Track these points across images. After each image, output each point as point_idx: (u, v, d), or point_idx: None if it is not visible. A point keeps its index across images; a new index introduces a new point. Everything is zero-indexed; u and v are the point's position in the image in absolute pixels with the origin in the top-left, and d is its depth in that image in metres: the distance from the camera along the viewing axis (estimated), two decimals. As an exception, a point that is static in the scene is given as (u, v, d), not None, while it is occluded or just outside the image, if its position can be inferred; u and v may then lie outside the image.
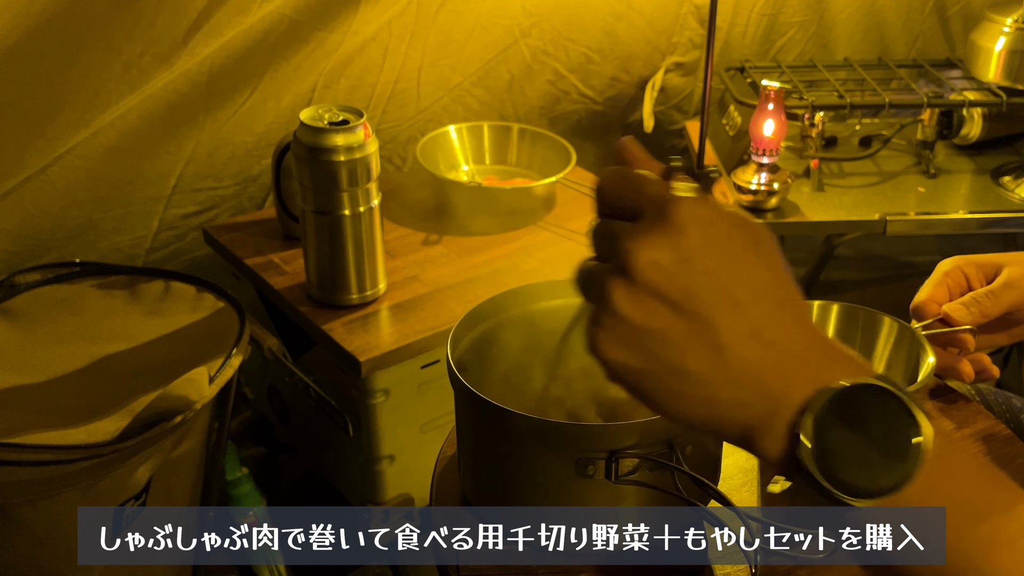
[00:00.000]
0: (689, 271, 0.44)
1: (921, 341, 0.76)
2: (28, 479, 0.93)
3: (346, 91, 1.50)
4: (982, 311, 0.80)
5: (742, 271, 0.45)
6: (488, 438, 0.70)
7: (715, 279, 0.45)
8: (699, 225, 0.45)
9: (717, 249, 0.45)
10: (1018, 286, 0.80)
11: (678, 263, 0.44)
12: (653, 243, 0.44)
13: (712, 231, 0.45)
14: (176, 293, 1.18)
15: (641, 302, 0.45)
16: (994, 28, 1.56)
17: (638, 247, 0.44)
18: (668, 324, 0.45)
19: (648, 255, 0.44)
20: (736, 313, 0.45)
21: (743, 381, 0.45)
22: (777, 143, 1.46)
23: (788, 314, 0.46)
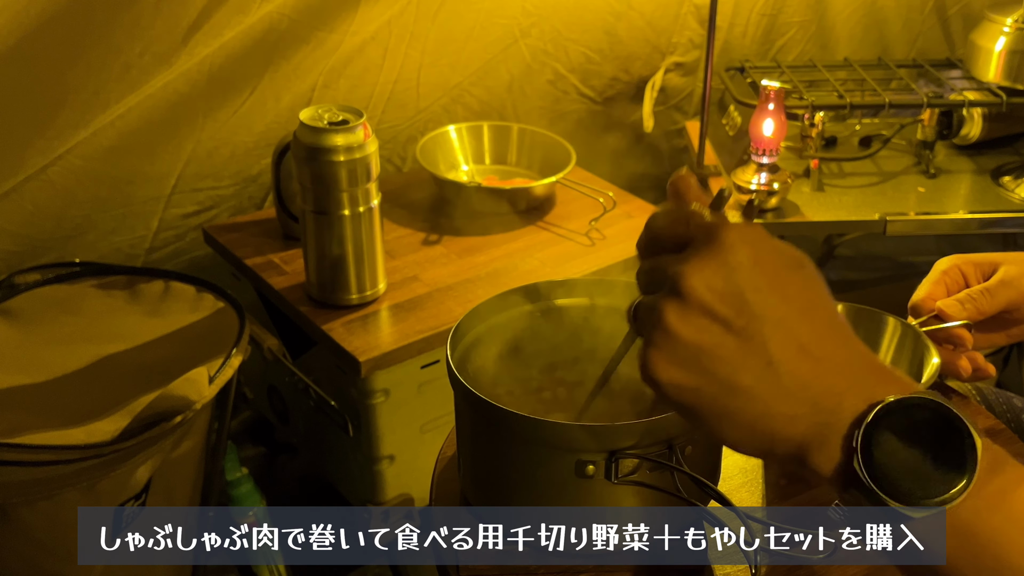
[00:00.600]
0: (738, 289, 0.46)
1: (925, 341, 0.76)
2: (28, 479, 0.93)
3: (346, 91, 1.50)
4: (977, 308, 0.80)
5: (788, 289, 0.47)
6: (488, 438, 0.70)
7: (764, 297, 0.46)
8: (746, 246, 0.47)
9: (765, 269, 0.46)
10: (1015, 284, 0.80)
11: (727, 282, 0.46)
12: (703, 264, 0.46)
13: (759, 252, 0.47)
14: (176, 293, 1.18)
15: (693, 320, 0.46)
16: (994, 28, 1.55)
17: (689, 269, 0.47)
18: (720, 341, 0.46)
19: (698, 275, 0.46)
20: (785, 329, 0.46)
21: (795, 396, 0.46)
22: (777, 143, 1.46)
23: (835, 331, 0.48)
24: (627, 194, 1.50)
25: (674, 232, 0.49)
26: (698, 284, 0.46)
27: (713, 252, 0.46)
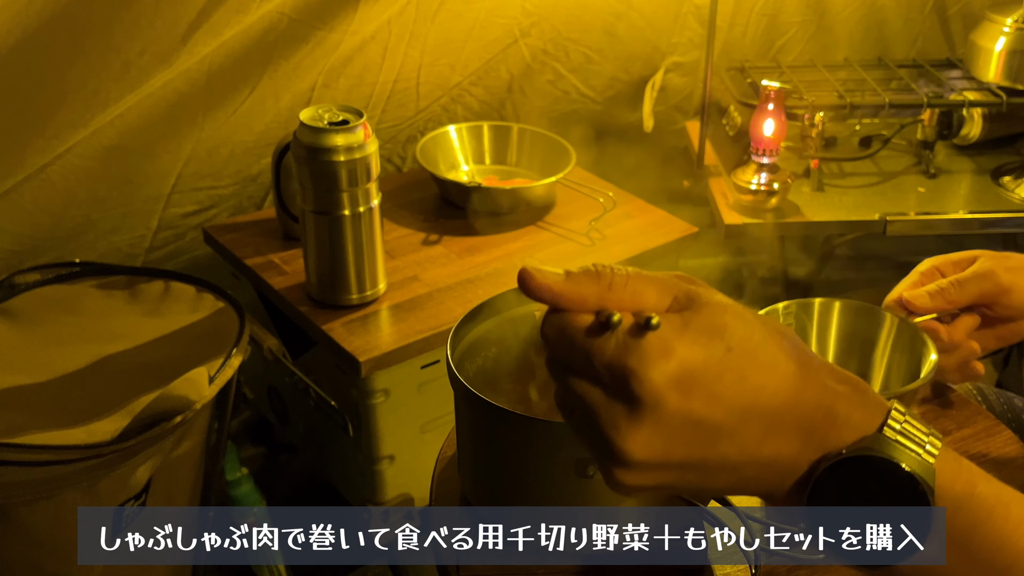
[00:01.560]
0: (680, 436, 0.45)
1: (923, 338, 0.76)
2: (28, 479, 0.93)
3: (345, 90, 1.50)
4: (946, 299, 0.79)
5: (725, 399, 0.45)
6: (488, 438, 0.70)
7: (706, 427, 0.45)
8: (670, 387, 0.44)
9: (696, 396, 0.45)
10: (989, 277, 0.79)
11: (668, 438, 0.45)
12: (636, 432, 0.45)
13: (683, 381, 0.45)
14: (176, 293, 1.18)
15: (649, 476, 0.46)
16: (994, 28, 1.56)
17: (623, 442, 0.45)
18: (678, 477, 0.47)
19: (637, 446, 0.45)
20: (738, 442, 0.46)
21: (760, 478, 0.48)
22: (777, 143, 1.46)
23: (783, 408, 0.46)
24: (627, 194, 1.50)
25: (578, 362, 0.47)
26: (638, 453, 0.45)
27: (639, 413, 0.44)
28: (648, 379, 0.44)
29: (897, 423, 0.47)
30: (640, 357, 0.44)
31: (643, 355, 0.44)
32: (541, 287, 0.48)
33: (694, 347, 0.45)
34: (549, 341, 0.48)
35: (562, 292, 0.48)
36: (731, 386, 0.45)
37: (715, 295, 0.48)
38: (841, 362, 0.82)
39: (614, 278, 0.47)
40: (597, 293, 0.47)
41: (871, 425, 0.47)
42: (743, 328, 0.46)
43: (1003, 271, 0.80)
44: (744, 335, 0.46)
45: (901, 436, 0.47)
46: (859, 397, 0.48)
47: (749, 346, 0.46)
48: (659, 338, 0.45)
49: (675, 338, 0.45)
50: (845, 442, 0.47)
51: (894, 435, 0.47)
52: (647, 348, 0.44)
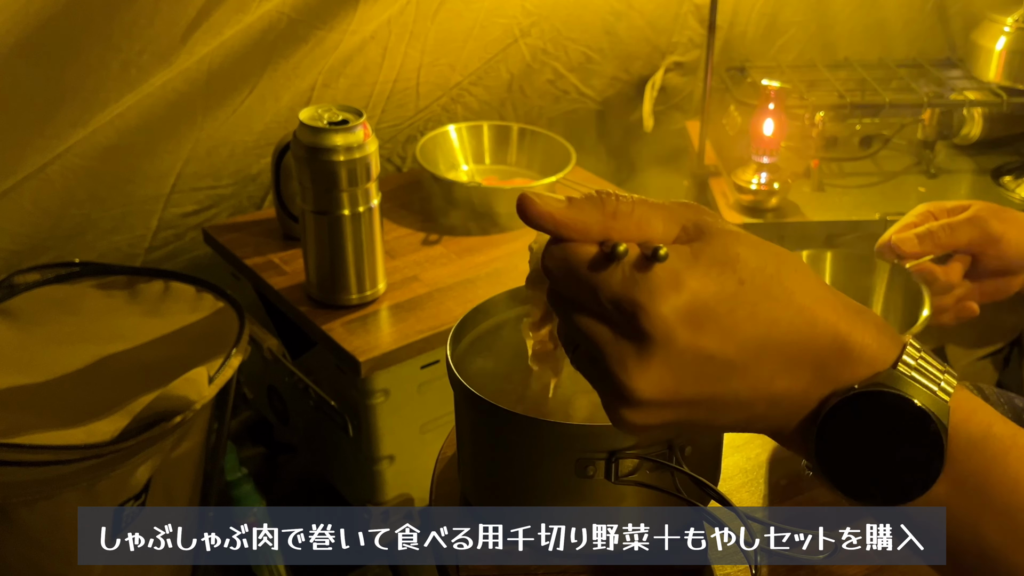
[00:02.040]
0: (691, 373, 0.44)
1: (918, 285, 0.75)
2: (28, 479, 0.93)
3: (345, 90, 1.50)
4: (935, 242, 0.78)
5: (737, 334, 0.44)
6: (488, 438, 0.70)
7: (717, 362, 0.44)
8: (680, 322, 0.43)
9: (707, 331, 0.43)
10: (979, 224, 0.78)
11: (678, 374, 0.44)
12: (644, 369, 0.43)
13: (695, 316, 0.43)
14: (176, 293, 1.18)
15: (657, 414, 0.45)
16: (994, 28, 1.56)
17: (632, 380, 0.44)
18: (687, 414, 0.45)
19: (646, 383, 0.44)
20: (750, 377, 0.45)
21: (770, 414, 0.46)
22: (777, 143, 1.46)
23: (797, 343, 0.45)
24: (627, 194, 1.50)
25: (585, 298, 0.45)
26: (647, 390, 0.43)
27: (648, 349, 0.43)
28: (657, 314, 0.42)
29: (912, 359, 0.46)
30: (649, 290, 0.43)
31: (652, 288, 0.43)
32: (543, 214, 0.45)
33: (705, 280, 0.43)
34: (551, 274, 0.46)
35: (564, 220, 0.45)
36: (744, 320, 0.43)
37: (725, 224, 0.46)
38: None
39: (619, 206, 0.45)
40: (601, 221, 0.45)
41: (885, 360, 0.46)
42: (756, 259, 0.44)
43: (996, 220, 0.79)
44: (757, 266, 0.44)
45: (916, 372, 0.45)
46: (874, 331, 0.46)
47: (762, 278, 0.44)
48: (668, 270, 0.43)
49: (685, 270, 0.43)
50: (858, 377, 0.45)
51: (908, 371, 0.45)
52: (656, 281, 0.43)
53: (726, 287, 0.43)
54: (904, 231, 0.79)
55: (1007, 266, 0.80)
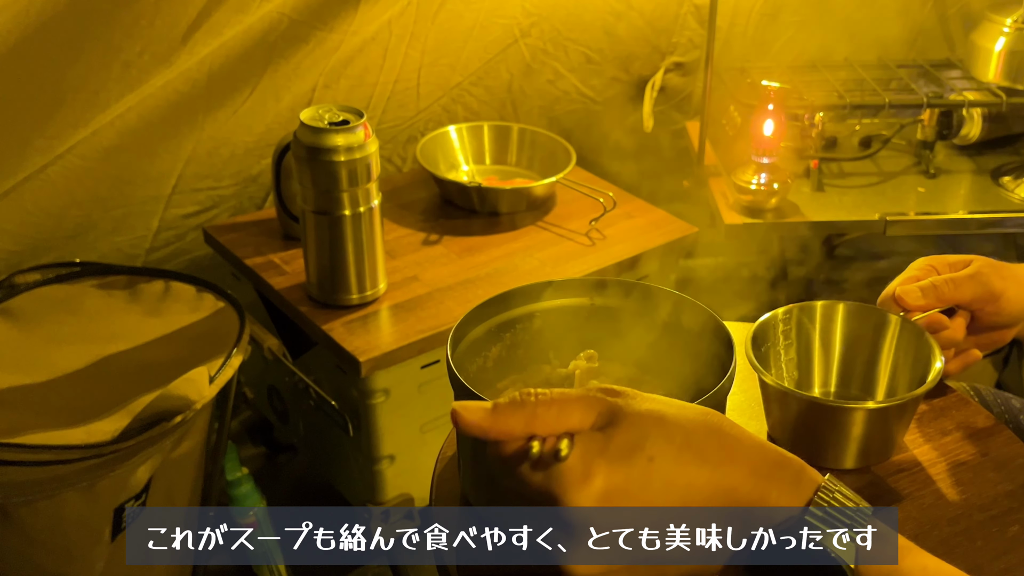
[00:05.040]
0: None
1: (929, 340, 0.76)
2: (28, 479, 0.93)
3: (346, 91, 1.50)
4: (939, 296, 0.78)
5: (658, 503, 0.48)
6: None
7: None
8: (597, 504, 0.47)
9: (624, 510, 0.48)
10: (982, 281, 0.79)
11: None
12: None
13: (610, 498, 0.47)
14: (176, 293, 1.18)
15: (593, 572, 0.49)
16: (994, 28, 1.56)
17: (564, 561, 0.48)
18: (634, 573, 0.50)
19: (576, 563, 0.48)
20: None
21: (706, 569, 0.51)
22: (777, 143, 1.46)
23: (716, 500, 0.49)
24: (627, 194, 1.50)
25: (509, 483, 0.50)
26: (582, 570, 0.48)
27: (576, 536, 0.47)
28: (573, 503, 0.47)
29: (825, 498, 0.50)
30: (561, 484, 0.47)
31: (564, 482, 0.47)
32: (470, 425, 0.50)
33: (615, 464, 0.48)
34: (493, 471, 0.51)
35: (490, 427, 0.50)
36: (660, 491, 0.48)
37: (639, 404, 0.50)
38: (845, 365, 0.81)
39: (537, 406, 0.49)
40: (523, 422, 0.49)
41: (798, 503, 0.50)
42: (664, 435, 0.49)
43: (997, 277, 0.80)
44: (665, 441, 0.49)
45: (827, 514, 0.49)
46: (789, 476, 0.51)
47: (672, 450, 0.48)
48: (579, 462, 0.47)
49: (595, 459, 0.48)
50: (773, 522, 0.50)
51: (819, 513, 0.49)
52: (567, 474, 0.47)
53: (636, 466, 0.48)
54: (907, 284, 0.80)
55: (1005, 321, 0.81)
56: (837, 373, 0.82)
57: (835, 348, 0.81)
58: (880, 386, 0.80)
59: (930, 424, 0.81)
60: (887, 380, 0.80)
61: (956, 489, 0.73)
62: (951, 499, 0.72)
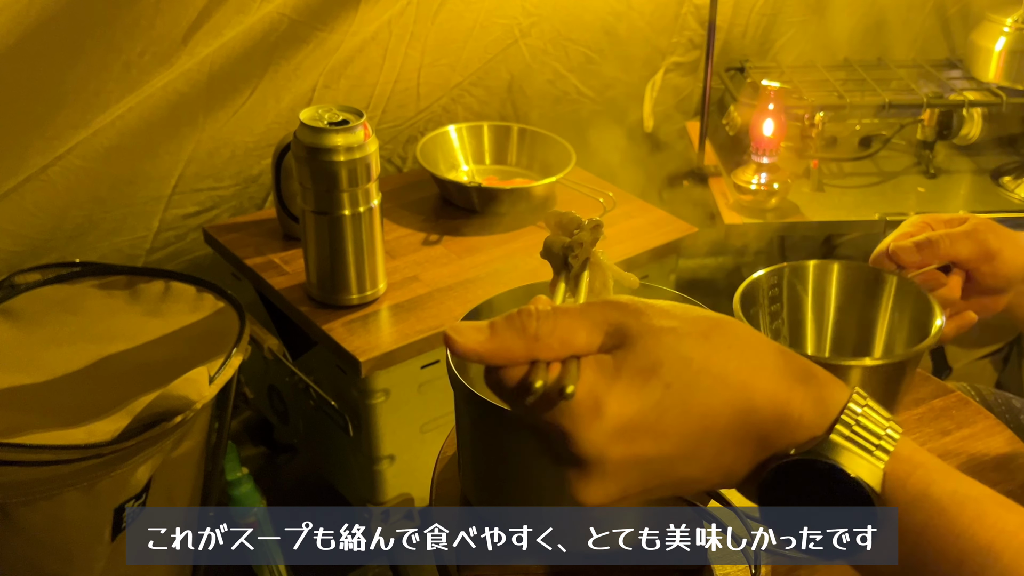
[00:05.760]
0: (633, 476, 0.45)
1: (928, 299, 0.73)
2: (28, 479, 0.93)
3: (346, 91, 1.50)
4: (935, 252, 0.76)
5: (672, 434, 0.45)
6: (488, 438, 0.70)
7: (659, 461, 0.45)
8: (608, 441, 0.44)
9: (641, 440, 0.44)
10: (977, 239, 0.77)
11: (619, 482, 0.45)
12: (587, 488, 0.45)
13: (624, 432, 0.44)
14: (176, 293, 1.18)
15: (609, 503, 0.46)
16: (994, 28, 1.56)
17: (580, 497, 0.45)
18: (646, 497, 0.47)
19: (592, 498, 0.45)
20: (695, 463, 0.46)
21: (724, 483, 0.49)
22: (777, 143, 1.46)
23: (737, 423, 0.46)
24: (627, 194, 1.50)
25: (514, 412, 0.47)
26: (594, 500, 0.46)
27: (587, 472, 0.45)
28: (584, 439, 0.44)
29: (850, 422, 0.46)
30: (571, 419, 0.44)
31: (574, 417, 0.43)
32: (467, 351, 0.45)
33: (628, 395, 0.44)
34: (496, 395, 0.47)
35: (487, 352, 0.45)
36: (677, 420, 0.44)
37: (651, 321, 0.46)
38: (839, 326, 0.79)
39: (540, 327, 0.45)
40: (524, 346, 0.45)
41: (822, 426, 0.46)
42: (679, 357, 0.45)
43: (993, 236, 0.77)
44: (682, 365, 0.45)
45: (854, 435, 0.46)
46: (814, 396, 0.47)
47: (688, 376, 0.45)
48: (588, 395, 0.43)
49: (606, 391, 0.44)
50: (796, 442, 0.46)
51: (843, 436, 0.46)
52: (577, 409, 0.43)
53: (651, 396, 0.44)
54: (901, 240, 0.77)
55: (999, 284, 0.78)
56: (831, 335, 0.79)
57: (828, 309, 0.79)
58: (877, 347, 0.77)
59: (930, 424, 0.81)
60: (883, 340, 0.77)
61: (956, 489, 0.73)
62: (951, 499, 0.72)
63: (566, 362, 0.45)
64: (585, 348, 0.45)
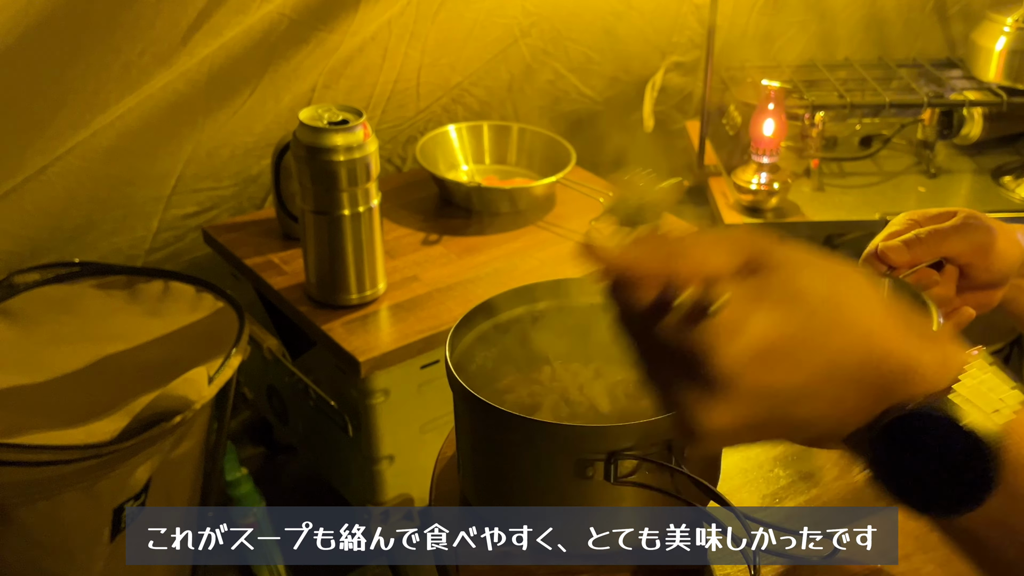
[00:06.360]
0: (760, 405, 0.44)
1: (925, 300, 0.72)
2: (28, 479, 0.93)
3: (346, 91, 1.50)
4: (925, 249, 0.73)
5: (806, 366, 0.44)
6: (487, 439, 0.70)
7: (787, 393, 0.44)
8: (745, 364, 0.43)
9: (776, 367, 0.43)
10: (971, 233, 0.75)
11: (749, 410, 0.44)
12: (715, 410, 0.43)
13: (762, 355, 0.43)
14: (176, 293, 1.18)
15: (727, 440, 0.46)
16: (994, 28, 1.56)
17: (704, 419, 0.44)
18: (758, 436, 0.46)
19: (718, 422, 0.44)
20: (818, 402, 0.45)
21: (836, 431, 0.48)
22: (777, 143, 1.46)
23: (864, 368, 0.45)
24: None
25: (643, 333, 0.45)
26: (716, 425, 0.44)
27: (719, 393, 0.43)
28: (721, 359, 0.42)
29: (971, 381, 0.46)
30: (713, 336, 0.42)
31: (714, 335, 0.42)
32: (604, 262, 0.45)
33: (772, 318, 0.43)
34: (619, 316, 0.46)
35: (624, 267, 0.45)
36: (812, 353, 0.44)
37: (790, 252, 0.45)
38: None
39: (679, 246, 0.44)
40: (662, 263, 0.44)
41: (942, 383, 0.46)
42: (820, 290, 0.44)
43: (984, 229, 0.75)
44: (825, 296, 0.44)
45: (974, 395, 0.46)
46: (939, 352, 0.47)
47: (828, 311, 0.44)
48: (731, 315, 0.42)
49: (749, 312, 0.43)
50: (915, 395, 0.46)
51: (964, 392, 0.46)
52: (718, 328, 0.42)
53: (791, 324, 0.43)
54: (889, 240, 0.75)
55: (993, 278, 0.77)
56: None
57: None
58: None
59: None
60: None
61: (956, 489, 0.73)
62: (951, 499, 0.72)
63: (707, 281, 0.44)
64: (722, 270, 0.44)
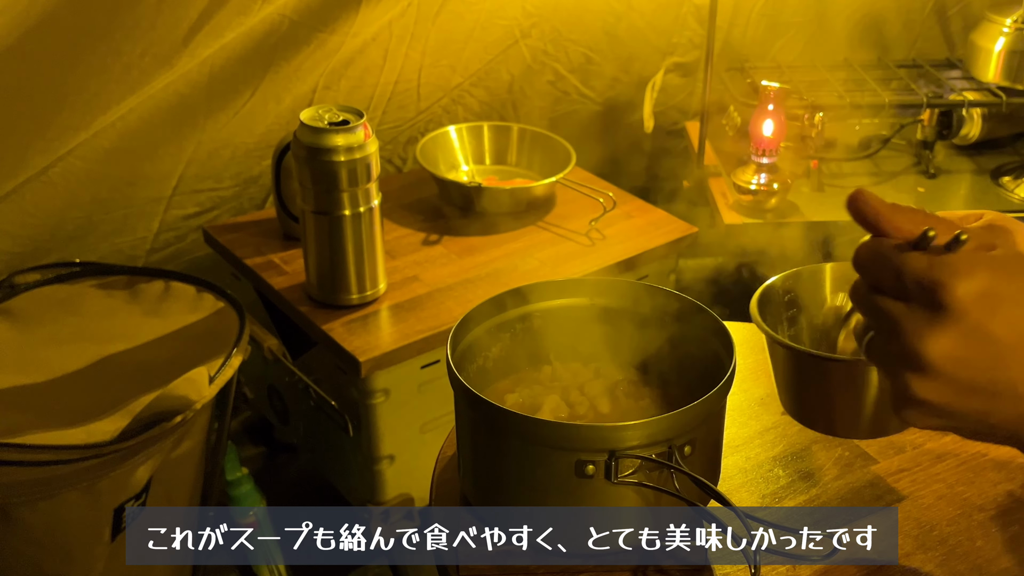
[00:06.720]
0: (978, 351, 0.48)
1: None
2: (28, 479, 0.93)
3: (346, 92, 1.50)
4: None
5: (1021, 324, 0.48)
6: (488, 438, 0.70)
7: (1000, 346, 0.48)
8: (975, 301, 0.47)
9: (997, 315, 0.48)
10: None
11: (966, 348, 0.48)
12: (937, 337, 0.48)
13: (988, 299, 0.47)
14: (176, 293, 1.18)
15: (942, 389, 0.49)
16: (994, 28, 1.56)
17: (924, 346, 0.48)
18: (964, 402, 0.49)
19: (937, 350, 0.48)
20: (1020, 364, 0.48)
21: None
22: (777, 143, 1.46)
23: None
24: (627, 194, 1.50)
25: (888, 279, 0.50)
26: (939, 359, 0.48)
27: (943, 319, 0.47)
28: (955, 289, 0.47)
29: None
30: (951, 271, 0.48)
31: (953, 269, 0.48)
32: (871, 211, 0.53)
33: (1002, 271, 0.48)
34: (861, 263, 0.52)
35: (888, 217, 0.52)
36: None
37: None
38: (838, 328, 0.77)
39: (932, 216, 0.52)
40: (918, 223, 0.51)
41: None
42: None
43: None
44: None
45: None
46: None
47: None
48: (970, 256, 0.48)
49: (985, 260, 0.48)
50: None
51: None
52: (957, 263, 0.48)
53: (1017, 282, 0.48)
54: None
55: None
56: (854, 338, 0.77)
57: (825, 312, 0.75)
58: None
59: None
60: None
61: (956, 489, 0.73)
62: (951, 499, 0.73)
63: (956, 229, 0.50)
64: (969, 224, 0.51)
